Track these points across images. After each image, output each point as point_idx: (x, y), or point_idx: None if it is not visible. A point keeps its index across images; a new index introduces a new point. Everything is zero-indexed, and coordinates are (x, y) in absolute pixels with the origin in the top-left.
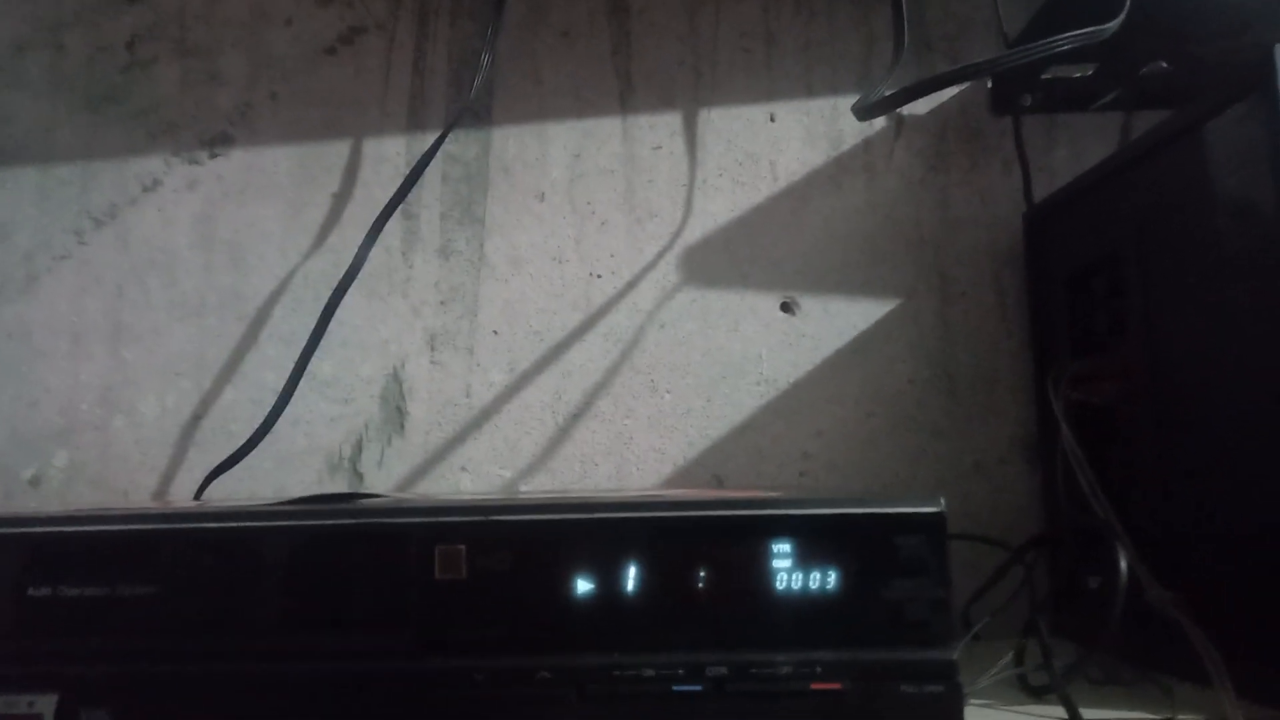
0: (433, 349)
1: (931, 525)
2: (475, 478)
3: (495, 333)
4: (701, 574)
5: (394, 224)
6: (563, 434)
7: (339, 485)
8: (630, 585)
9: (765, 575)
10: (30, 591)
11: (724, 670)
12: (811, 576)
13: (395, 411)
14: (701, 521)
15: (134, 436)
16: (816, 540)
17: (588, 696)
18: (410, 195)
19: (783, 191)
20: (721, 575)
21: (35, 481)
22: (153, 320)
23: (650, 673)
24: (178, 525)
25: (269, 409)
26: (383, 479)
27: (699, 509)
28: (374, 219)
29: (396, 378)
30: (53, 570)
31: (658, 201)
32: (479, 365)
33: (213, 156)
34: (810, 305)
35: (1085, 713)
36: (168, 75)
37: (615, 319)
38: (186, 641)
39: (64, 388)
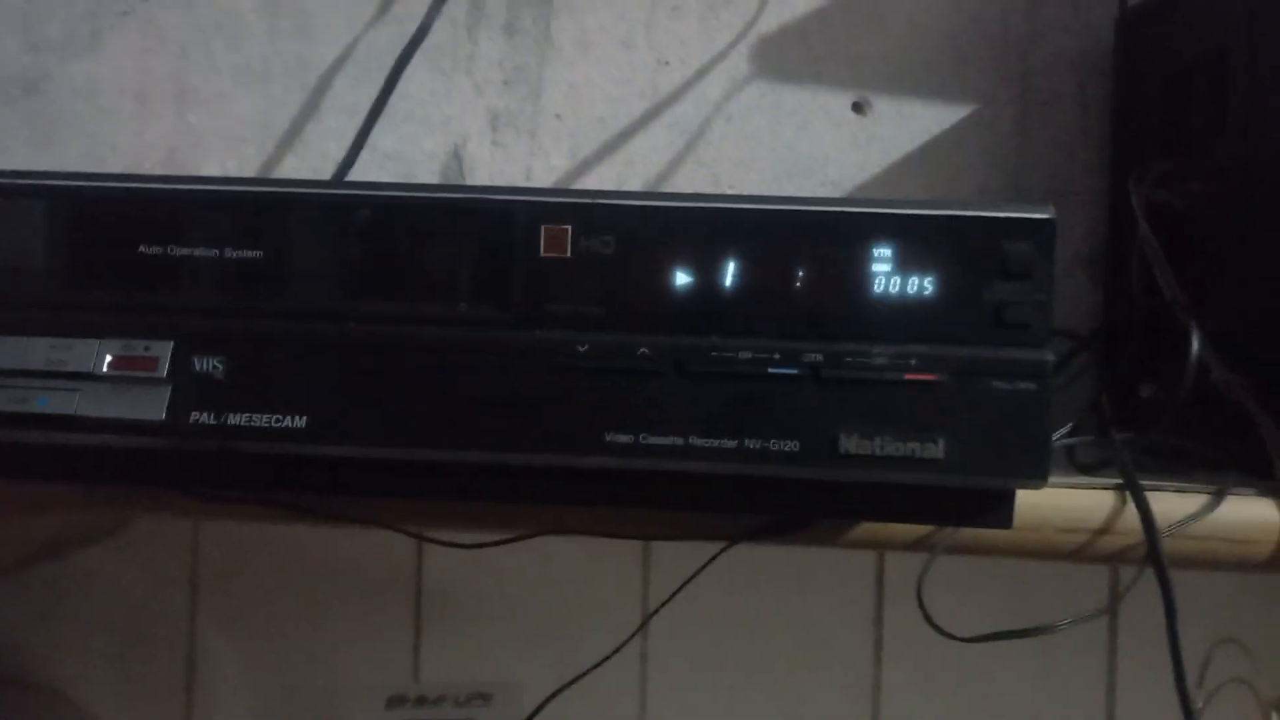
0: (494, 129)
1: (1040, 231)
2: None
3: (558, 116)
4: (800, 271)
5: None
6: None
7: None
8: (730, 276)
9: (865, 274)
10: (142, 249)
11: (819, 357)
12: (912, 277)
13: None
14: (803, 217)
15: None
16: (921, 241)
17: (685, 373)
18: None
19: None
20: (821, 273)
21: None
22: (218, 84)
23: (747, 355)
24: (294, 191)
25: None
26: None
27: (801, 204)
28: None
29: (457, 156)
30: (161, 230)
31: None
32: (540, 149)
33: None
34: (884, 106)
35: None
36: None
37: (682, 109)
38: (299, 302)
39: (130, 147)
